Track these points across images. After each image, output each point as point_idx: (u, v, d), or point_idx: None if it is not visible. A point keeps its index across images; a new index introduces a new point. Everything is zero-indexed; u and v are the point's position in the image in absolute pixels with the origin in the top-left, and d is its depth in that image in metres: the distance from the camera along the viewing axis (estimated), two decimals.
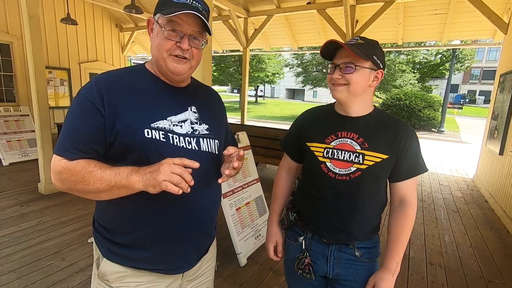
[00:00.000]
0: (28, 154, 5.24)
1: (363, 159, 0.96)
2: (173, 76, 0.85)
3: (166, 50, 0.81)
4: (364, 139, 0.97)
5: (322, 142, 1.02)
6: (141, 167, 0.72)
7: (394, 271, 0.99)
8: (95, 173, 0.73)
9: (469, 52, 20.29)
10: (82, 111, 0.77)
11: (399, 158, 0.97)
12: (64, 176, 0.75)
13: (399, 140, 0.96)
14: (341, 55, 0.95)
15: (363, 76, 0.94)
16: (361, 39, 0.96)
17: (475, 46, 7.02)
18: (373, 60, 0.94)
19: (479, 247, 2.90)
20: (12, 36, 5.77)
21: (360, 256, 1.03)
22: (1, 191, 3.75)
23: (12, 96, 5.99)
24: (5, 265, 2.24)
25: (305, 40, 7.46)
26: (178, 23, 0.79)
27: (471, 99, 33.53)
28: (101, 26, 7.86)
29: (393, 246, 1.01)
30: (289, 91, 38.89)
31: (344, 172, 0.97)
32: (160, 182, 0.66)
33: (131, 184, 0.71)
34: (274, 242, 1.19)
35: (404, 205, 1.01)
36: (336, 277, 1.05)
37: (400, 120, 1.01)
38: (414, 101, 13.51)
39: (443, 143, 10.67)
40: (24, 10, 3.37)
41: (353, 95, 0.96)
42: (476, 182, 5.11)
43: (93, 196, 0.76)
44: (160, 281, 0.89)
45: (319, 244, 1.06)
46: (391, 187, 1.04)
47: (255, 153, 3.69)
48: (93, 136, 0.77)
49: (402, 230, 1.00)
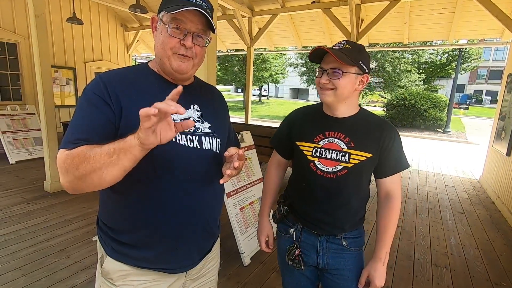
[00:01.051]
0: (34, 152, 5.30)
1: (349, 158, 1.02)
2: (176, 75, 0.85)
3: (170, 48, 0.81)
4: (350, 138, 1.03)
5: (310, 141, 1.07)
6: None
7: (384, 260, 1.08)
8: (95, 149, 0.67)
9: (476, 52, 20.06)
10: (91, 106, 0.75)
11: (383, 156, 1.04)
12: (67, 163, 0.68)
13: (383, 140, 1.02)
14: (328, 60, 0.99)
15: (349, 81, 0.98)
16: (347, 43, 0.99)
17: (482, 46, 6.93)
18: (359, 65, 0.97)
19: (485, 249, 2.86)
20: (19, 35, 5.83)
21: (347, 245, 1.11)
22: (8, 189, 3.80)
23: (18, 95, 6.05)
24: (11, 262, 2.26)
25: (309, 39, 7.42)
26: (182, 21, 0.79)
27: (478, 99, 33.12)
28: (106, 25, 7.90)
29: (382, 237, 1.09)
30: (293, 90, 38.78)
31: (332, 170, 1.04)
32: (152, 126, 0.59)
33: (127, 144, 0.63)
34: (266, 235, 1.27)
35: (390, 199, 1.08)
36: (325, 267, 1.12)
37: (385, 120, 1.08)
38: (419, 101, 13.39)
39: (448, 143, 10.57)
40: (30, 10, 3.40)
41: (340, 99, 1.01)
42: (483, 183, 5.04)
43: (97, 177, 0.67)
44: (163, 280, 0.89)
45: (309, 235, 1.13)
46: (377, 182, 1.12)
47: (259, 152, 3.68)
48: (104, 128, 0.75)
49: (389, 222, 1.08)
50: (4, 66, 5.71)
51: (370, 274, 1.08)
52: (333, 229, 1.09)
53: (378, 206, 1.13)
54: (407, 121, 13.73)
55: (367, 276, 1.09)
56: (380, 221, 1.10)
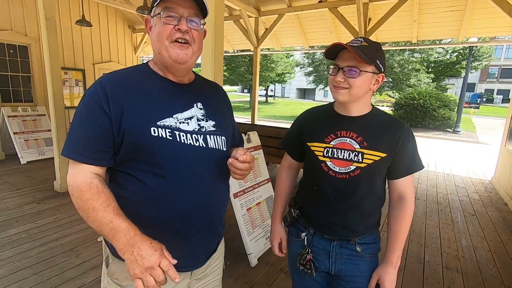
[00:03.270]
0: (44, 152, 5.39)
1: (362, 157, 0.98)
2: (177, 66, 0.84)
3: (166, 36, 0.81)
4: (363, 138, 1.00)
5: (322, 141, 1.04)
6: (141, 236, 0.72)
7: (395, 264, 1.04)
8: (96, 214, 0.73)
9: (487, 50, 19.63)
10: (88, 113, 0.78)
11: (397, 156, 1.00)
12: (72, 192, 0.76)
13: (397, 139, 0.99)
14: (344, 57, 0.95)
15: (366, 80, 0.95)
16: (365, 40, 0.95)
17: (494, 43, 6.77)
18: (376, 64, 0.94)
19: (498, 252, 2.79)
20: (30, 38, 5.94)
21: (361, 251, 1.06)
22: (19, 189, 3.88)
23: (30, 96, 6.16)
24: (23, 261, 2.30)
25: (316, 39, 7.36)
26: (173, 8, 0.80)
27: (489, 98, 32.43)
28: (114, 27, 7.99)
29: (394, 241, 1.04)
30: (300, 90, 38.63)
31: (344, 171, 1.00)
32: (134, 275, 0.68)
33: (115, 246, 0.72)
34: (279, 239, 1.23)
35: (403, 201, 1.04)
36: (338, 273, 1.07)
37: (398, 120, 1.04)
38: (428, 100, 13.18)
39: (459, 143, 10.37)
40: (41, 12, 3.46)
41: (354, 98, 0.98)
42: (495, 184, 4.93)
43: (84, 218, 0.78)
44: (169, 279, 0.89)
45: (321, 240, 1.09)
46: (389, 184, 1.07)
47: (266, 153, 3.67)
48: (101, 138, 0.77)
49: (401, 225, 1.04)
50: (15, 68, 5.82)
51: (381, 278, 1.04)
52: (346, 232, 1.05)
53: (390, 208, 1.09)
54: (416, 121, 13.52)
55: (377, 280, 1.05)
56: (392, 224, 1.06)
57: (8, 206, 3.32)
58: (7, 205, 3.33)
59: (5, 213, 3.12)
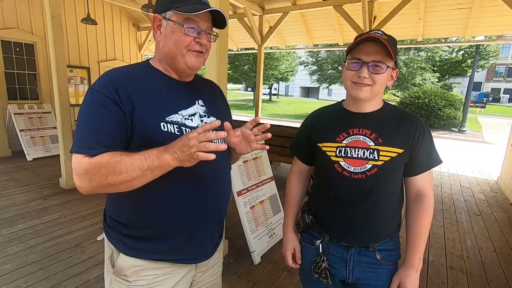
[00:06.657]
0: (50, 150, 5.45)
1: (378, 154, 0.93)
2: (189, 71, 0.89)
3: (185, 46, 0.84)
4: (377, 134, 0.94)
5: (333, 141, 0.98)
6: (167, 145, 0.73)
7: (417, 267, 0.97)
8: (124, 161, 0.71)
9: (494, 49, 19.37)
10: (100, 107, 0.76)
11: (414, 151, 0.94)
12: (92, 173, 0.72)
13: (413, 134, 0.93)
14: (369, 50, 0.88)
15: (387, 76, 0.91)
16: (384, 34, 0.89)
17: (501, 42, 6.69)
18: (396, 59, 0.91)
19: (503, 252, 2.76)
20: (36, 36, 5.99)
21: (381, 259, 0.99)
22: (26, 185, 3.92)
23: (35, 94, 6.22)
24: (29, 256, 2.33)
25: (320, 37, 7.33)
26: (196, 21, 0.84)
27: (495, 98, 32.01)
28: (119, 25, 8.03)
29: (414, 242, 0.98)
30: (304, 89, 38.47)
31: (360, 170, 0.94)
32: (192, 154, 0.69)
33: (164, 163, 0.72)
34: (292, 249, 1.15)
35: (421, 199, 0.98)
36: (355, 282, 1.01)
37: (412, 113, 1.00)
38: (433, 99, 13.05)
39: (464, 143, 10.27)
40: (47, 10, 3.49)
41: (374, 95, 0.94)
42: (501, 184, 4.88)
43: (125, 186, 0.74)
44: (176, 272, 0.91)
45: (338, 247, 1.02)
46: (406, 182, 1.01)
47: (270, 151, 3.67)
48: (116, 130, 0.77)
49: (422, 225, 0.97)
50: (22, 66, 5.88)
51: (402, 282, 0.97)
52: (366, 237, 0.98)
53: (407, 208, 1.02)
54: None
55: (398, 284, 0.98)
56: (412, 224, 0.99)
57: (15, 202, 3.36)
58: (14, 201, 3.38)
59: (12, 209, 3.17)
